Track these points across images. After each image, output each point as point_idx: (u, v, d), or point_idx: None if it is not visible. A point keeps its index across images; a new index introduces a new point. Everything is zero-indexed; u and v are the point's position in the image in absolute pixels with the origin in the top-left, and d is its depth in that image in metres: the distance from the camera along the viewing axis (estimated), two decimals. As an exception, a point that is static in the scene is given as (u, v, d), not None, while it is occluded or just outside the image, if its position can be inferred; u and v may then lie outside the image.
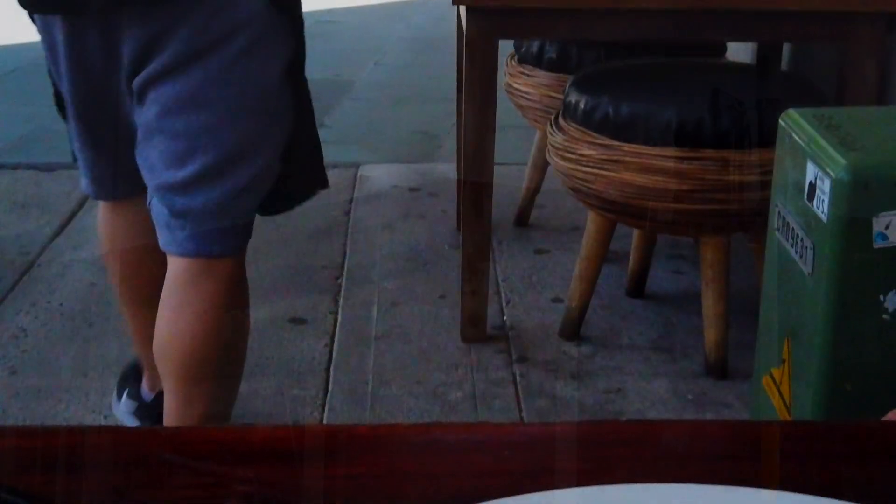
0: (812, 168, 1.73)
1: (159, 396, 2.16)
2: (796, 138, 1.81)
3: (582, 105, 2.69)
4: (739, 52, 3.81)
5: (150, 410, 2.33)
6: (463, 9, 2.82)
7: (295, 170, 1.96)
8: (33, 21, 1.94)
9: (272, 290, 3.17)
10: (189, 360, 1.93)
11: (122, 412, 2.40)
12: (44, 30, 1.92)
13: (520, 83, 3.38)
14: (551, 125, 2.82)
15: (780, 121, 1.88)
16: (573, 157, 2.69)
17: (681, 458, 0.66)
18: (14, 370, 2.75)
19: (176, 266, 1.92)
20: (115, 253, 2.19)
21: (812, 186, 1.72)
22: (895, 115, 2.00)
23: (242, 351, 2.09)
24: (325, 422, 2.54)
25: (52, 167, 4.16)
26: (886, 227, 1.64)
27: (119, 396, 2.42)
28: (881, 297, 1.68)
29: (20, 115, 4.86)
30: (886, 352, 1.71)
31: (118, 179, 2.07)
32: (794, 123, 1.83)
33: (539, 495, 0.58)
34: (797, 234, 1.79)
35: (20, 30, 2.75)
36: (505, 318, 3.04)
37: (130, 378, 2.40)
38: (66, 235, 3.56)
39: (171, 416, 1.99)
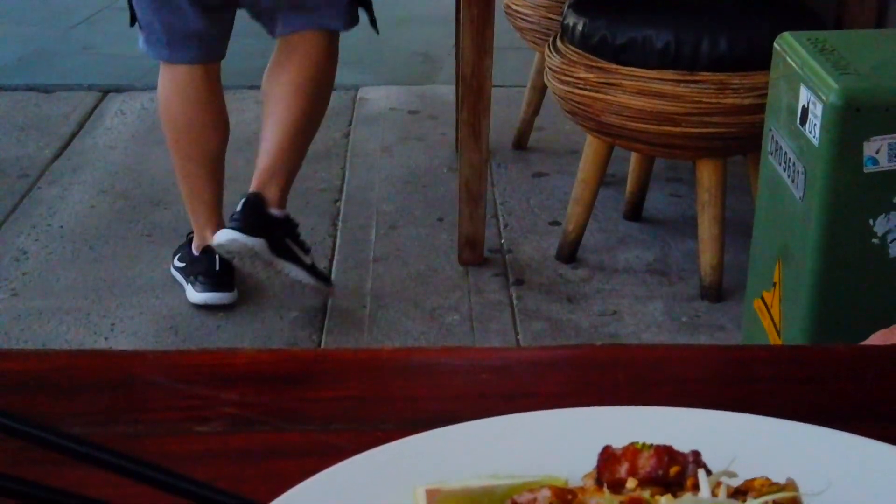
0: (805, 92, 1.73)
1: (205, 252, 2.70)
2: (790, 62, 1.81)
3: (580, 27, 2.68)
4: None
5: (196, 264, 2.75)
6: (461, -71, 2.79)
7: None
8: None
9: (271, 212, 3.19)
10: (287, 82, 2.61)
11: (174, 268, 2.84)
12: None
13: (519, 4, 3.36)
14: (549, 47, 2.81)
15: (775, 44, 1.88)
16: (571, 79, 2.68)
17: (653, 382, 0.68)
18: (15, 292, 2.78)
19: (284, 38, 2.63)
20: (170, 115, 2.65)
21: (805, 111, 1.73)
22: (890, 39, 1.99)
23: (326, 98, 2.74)
24: (323, 344, 2.57)
25: (51, 89, 4.16)
26: (877, 152, 1.65)
27: (173, 258, 2.86)
28: (871, 221, 1.69)
29: (18, 36, 4.84)
30: (875, 275, 1.73)
31: (188, 44, 2.59)
32: (789, 47, 1.83)
33: (513, 417, 0.60)
34: (789, 159, 1.80)
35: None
36: (502, 241, 3.06)
37: (185, 246, 2.84)
38: (65, 157, 3.57)
39: (269, 130, 2.61)
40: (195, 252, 2.75)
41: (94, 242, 3.03)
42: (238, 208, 2.55)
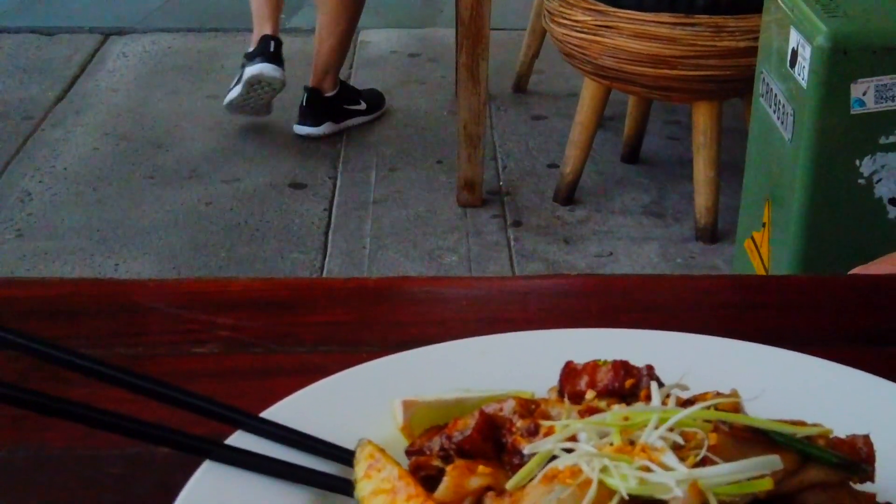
0: (795, 35, 1.76)
1: (261, 41, 3.25)
2: (781, 5, 1.83)
3: (577, -30, 2.69)
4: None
5: (252, 53, 3.23)
6: None
7: None
8: None
9: (273, 155, 3.22)
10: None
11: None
12: None
13: (518, -53, 3.37)
14: (547, -10, 2.83)
15: (768, -13, 1.90)
16: (568, 22, 2.70)
17: (622, 308, 0.73)
18: (20, 233, 2.82)
19: None
20: None
21: (794, 53, 1.76)
22: (881, -17, 2.01)
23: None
24: (323, 283, 2.62)
25: (53, 31, 4.17)
26: (864, 94, 1.68)
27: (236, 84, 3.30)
28: (857, 162, 1.73)
29: (20, -21, 4.84)
30: (861, 215, 1.77)
31: None
32: (781, -10, 1.85)
33: (485, 338, 0.64)
34: (779, 101, 1.83)
35: None
36: (501, 183, 3.09)
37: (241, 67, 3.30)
38: (68, 100, 3.60)
39: (321, 29, 3.30)
40: (252, 47, 3.24)
41: (97, 184, 3.07)
42: (303, 103, 3.30)
